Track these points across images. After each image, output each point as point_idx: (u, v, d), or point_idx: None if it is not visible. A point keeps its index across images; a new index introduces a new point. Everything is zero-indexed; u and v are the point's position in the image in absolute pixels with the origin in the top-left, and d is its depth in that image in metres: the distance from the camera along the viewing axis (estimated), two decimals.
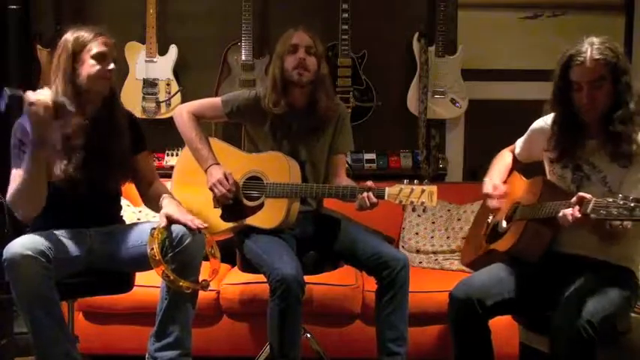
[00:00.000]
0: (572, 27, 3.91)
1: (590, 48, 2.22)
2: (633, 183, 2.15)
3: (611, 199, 1.97)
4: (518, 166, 2.64)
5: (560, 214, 2.09)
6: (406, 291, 2.64)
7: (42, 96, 2.20)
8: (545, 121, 2.45)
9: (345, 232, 2.79)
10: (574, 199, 2.05)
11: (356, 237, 2.76)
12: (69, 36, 2.41)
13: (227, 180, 2.70)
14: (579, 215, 2.02)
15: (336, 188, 2.64)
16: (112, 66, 2.42)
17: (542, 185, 2.36)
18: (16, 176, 2.31)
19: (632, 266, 2.33)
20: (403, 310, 2.64)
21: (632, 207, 1.93)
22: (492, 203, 2.46)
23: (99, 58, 2.39)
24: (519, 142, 2.62)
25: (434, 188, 2.46)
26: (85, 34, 2.39)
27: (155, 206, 2.57)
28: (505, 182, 2.56)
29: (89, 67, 2.38)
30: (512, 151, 2.66)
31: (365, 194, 2.50)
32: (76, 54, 2.37)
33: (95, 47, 2.38)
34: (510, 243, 2.35)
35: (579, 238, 2.27)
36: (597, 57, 2.20)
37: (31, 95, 2.19)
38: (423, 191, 2.45)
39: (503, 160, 2.65)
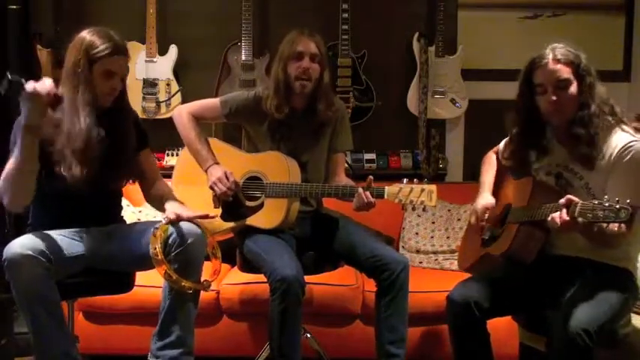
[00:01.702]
0: (572, 27, 3.91)
1: (552, 51, 2.25)
2: (614, 189, 2.14)
3: (596, 202, 1.98)
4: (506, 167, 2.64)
5: (549, 218, 2.09)
6: (406, 293, 2.64)
7: (42, 87, 2.17)
8: None
9: (345, 233, 2.79)
10: (562, 200, 2.05)
11: (355, 238, 2.76)
12: (86, 37, 2.35)
13: (227, 178, 2.70)
14: (567, 218, 2.03)
15: (335, 188, 2.65)
16: (118, 85, 2.40)
17: (531, 186, 2.36)
18: (8, 165, 2.29)
19: (629, 266, 2.33)
20: (403, 312, 2.64)
21: (618, 209, 1.93)
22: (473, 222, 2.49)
23: (107, 75, 2.36)
24: (501, 146, 2.63)
25: (433, 187, 2.46)
26: (100, 47, 2.33)
27: (158, 205, 2.57)
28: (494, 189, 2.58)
29: (97, 80, 2.35)
30: (497, 153, 2.67)
31: (361, 191, 2.49)
32: (90, 62, 2.34)
33: (106, 64, 2.34)
34: (504, 246, 2.35)
35: (575, 240, 2.26)
36: (559, 57, 2.23)
37: (31, 85, 2.16)
38: (422, 190, 2.45)
39: (491, 164, 2.65)
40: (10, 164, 2.26)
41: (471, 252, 2.59)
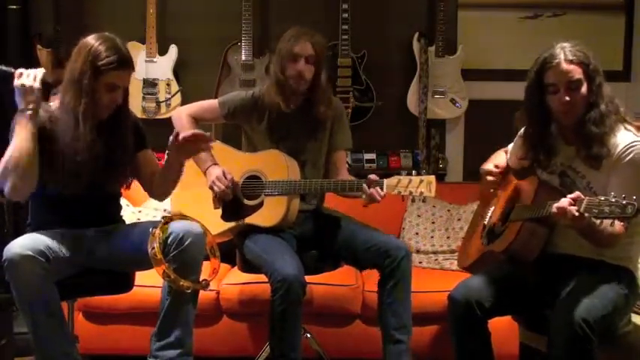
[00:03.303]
0: (572, 27, 3.91)
1: (563, 51, 2.23)
2: (614, 188, 2.14)
3: (603, 198, 1.99)
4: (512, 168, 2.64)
5: (555, 208, 2.08)
6: (408, 280, 2.64)
7: (28, 81, 2.18)
8: None
9: (346, 230, 2.79)
10: (572, 195, 2.06)
11: (355, 232, 2.76)
12: (93, 45, 2.31)
13: (225, 177, 2.70)
14: (577, 214, 2.03)
15: (334, 182, 2.66)
16: (119, 98, 2.38)
17: (537, 185, 2.36)
18: (6, 152, 2.28)
19: (630, 265, 2.33)
20: (406, 299, 2.64)
21: (624, 205, 1.95)
22: (490, 178, 2.50)
23: (110, 88, 2.34)
24: (509, 148, 2.63)
25: (432, 178, 2.47)
26: (106, 59, 2.29)
27: (162, 183, 2.54)
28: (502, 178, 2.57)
29: (98, 92, 2.33)
30: (506, 152, 2.67)
31: (372, 189, 2.50)
32: (96, 73, 2.30)
33: (111, 77, 2.32)
34: (507, 243, 2.35)
35: (576, 239, 2.26)
36: (571, 58, 2.22)
37: (17, 81, 2.19)
38: (421, 181, 2.47)
39: (499, 154, 2.66)
40: (8, 150, 2.25)
41: (472, 250, 2.59)
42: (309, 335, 2.92)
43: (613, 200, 1.96)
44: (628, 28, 4.00)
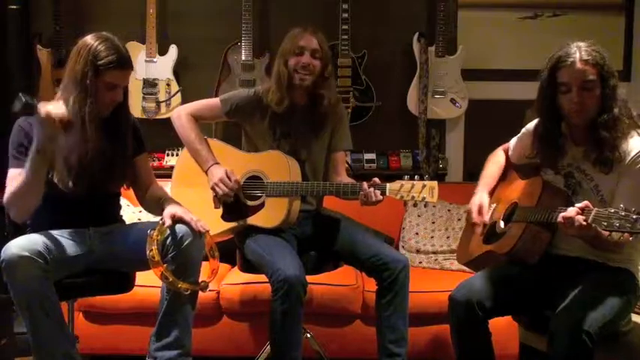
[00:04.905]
0: (572, 27, 3.92)
1: (579, 50, 2.20)
2: (624, 193, 2.14)
3: (612, 210, 1.94)
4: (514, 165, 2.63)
5: (561, 218, 2.06)
6: (406, 292, 2.64)
7: (56, 111, 2.17)
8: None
9: (346, 233, 2.79)
10: (580, 205, 2.03)
11: (356, 238, 2.76)
12: (92, 45, 2.31)
13: (229, 178, 2.70)
14: (585, 224, 2.00)
15: (336, 186, 2.65)
16: (119, 97, 2.38)
17: (541, 187, 2.35)
18: (14, 178, 2.29)
19: (631, 267, 2.32)
20: (403, 311, 2.64)
21: (635, 219, 1.90)
22: (476, 228, 2.47)
23: (109, 87, 2.34)
24: (512, 143, 2.61)
25: (434, 184, 2.47)
26: (105, 59, 2.29)
27: (154, 208, 2.57)
28: (496, 187, 2.57)
29: (100, 92, 2.33)
30: (506, 150, 2.66)
31: (371, 190, 2.50)
32: (96, 73, 2.30)
33: (111, 77, 2.32)
34: (510, 245, 2.34)
35: (577, 241, 2.25)
36: (586, 58, 2.18)
37: (45, 108, 2.16)
38: (424, 186, 2.47)
39: (497, 161, 2.64)
40: (19, 181, 2.26)
41: (472, 247, 2.58)
42: (309, 335, 2.92)
43: (623, 214, 1.91)
44: (628, 28, 4.01)
